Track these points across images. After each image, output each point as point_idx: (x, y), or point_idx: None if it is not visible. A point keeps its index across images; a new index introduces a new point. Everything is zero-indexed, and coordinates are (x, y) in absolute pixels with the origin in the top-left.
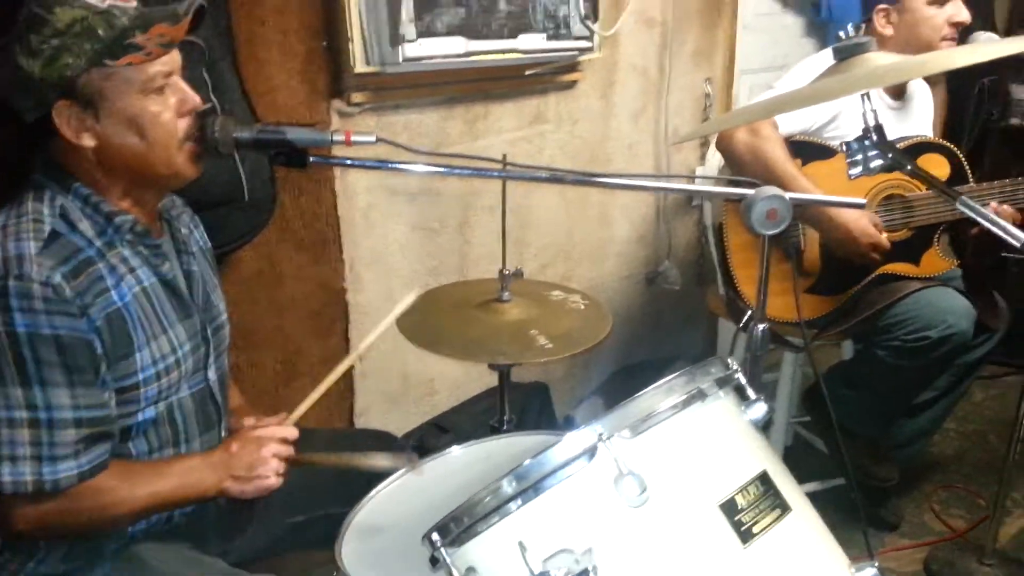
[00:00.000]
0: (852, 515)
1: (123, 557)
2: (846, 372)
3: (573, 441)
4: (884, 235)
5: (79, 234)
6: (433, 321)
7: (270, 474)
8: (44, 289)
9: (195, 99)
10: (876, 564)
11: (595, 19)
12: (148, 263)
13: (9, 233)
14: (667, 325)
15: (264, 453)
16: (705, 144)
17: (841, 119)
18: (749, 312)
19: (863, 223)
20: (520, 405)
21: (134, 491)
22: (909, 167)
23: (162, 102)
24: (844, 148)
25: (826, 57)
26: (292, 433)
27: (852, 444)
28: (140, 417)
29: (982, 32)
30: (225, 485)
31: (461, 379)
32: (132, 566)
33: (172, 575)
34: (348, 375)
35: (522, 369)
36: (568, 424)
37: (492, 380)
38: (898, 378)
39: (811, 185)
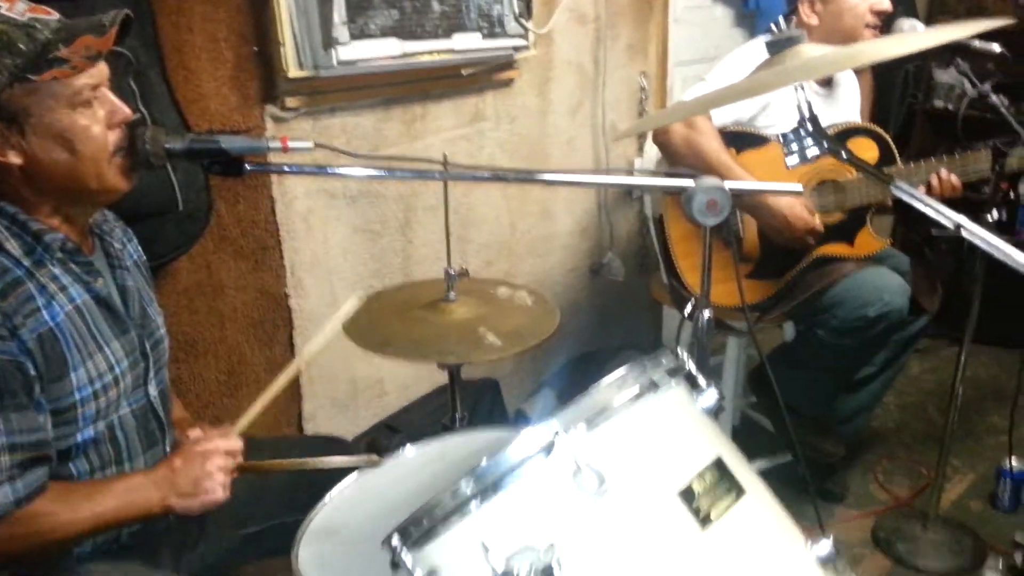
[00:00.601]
0: (801, 490)
1: (76, 574)
2: (789, 353)
3: (530, 438)
4: (818, 219)
5: (6, 254)
6: (380, 324)
7: (216, 488)
8: None
9: (125, 110)
10: (830, 536)
11: (529, 17)
12: (80, 280)
13: None
14: (613, 315)
15: (208, 467)
16: (643, 136)
17: (771, 108)
18: (693, 300)
19: (797, 209)
20: (471, 402)
21: (75, 514)
22: (844, 154)
23: (91, 115)
24: (781, 139)
25: (755, 48)
26: (236, 445)
27: (798, 421)
28: (79, 438)
29: (905, 19)
30: (170, 502)
31: (410, 379)
32: None
33: None
34: (295, 381)
35: (472, 366)
36: (520, 418)
37: (442, 379)
38: (838, 356)
39: (747, 174)
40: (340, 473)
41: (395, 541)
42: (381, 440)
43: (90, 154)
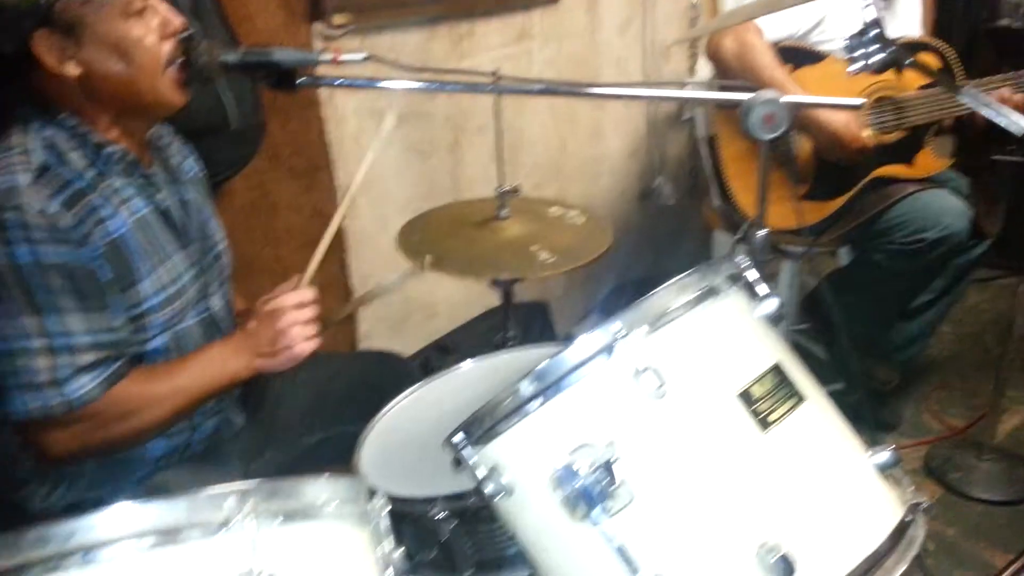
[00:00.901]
0: (853, 418)
1: (147, 484)
2: (844, 277)
3: (591, 340)
4: (868, 133)
5: (69, 166)
6: (433, 241)
7: (296, 341)
8: (42, 219)
9: (177, 21)
10: (892, 446)
11: None
12: (141, 193)
13: (0, 167)
14: (662, 241)
15: (282, 324)
16: (694, 56)
17: (827, 23)
18: (747, 223)
19: (852, 126)
20: (522, 324)
21: (160, 389)
22: (910, 61)
23: (144, 25)
24: (845, 43)
25: None
26: (307, 295)
27: (852, 348)
28: (148, 347)
29: None
30: (255, 364)
31: (462, 301)
32: (156, 493)
33: None
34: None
35: (521, 289)
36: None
37: (492, 300)
38: (895, 281)
39: (801, 90)
40: (399, 386)
41: (457, 439)
42: (434, 362)
43: (144, 64)
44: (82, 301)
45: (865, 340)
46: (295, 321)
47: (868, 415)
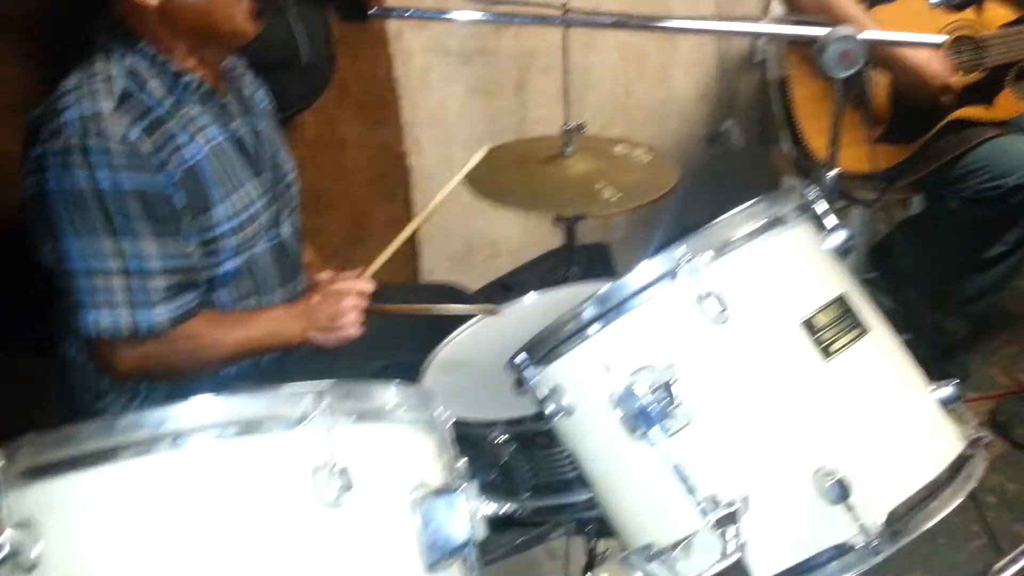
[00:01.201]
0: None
1: None
2: (917, 225)
3: (655, 263)
4: (956, 76)
5: (149, 93)
6: (499, 177)
7: (349, 324)
8: (123, 146)
9: None
10: (956, 381)
11: None
12: (217, 121)
13: (84, 93)
14: (729, 186)
15: (344, 305)
16: None
17: None
18: (818, 166)
19: (935, 64)
20: (583, 264)
21: (225, 336)
22: None
23: None
24: None
25: None
26: (368, 286)
27: (920, 298)
28: (221, 270)
29: None
30: (309, 334)
31: (523, 240)
32: None
33: None
34: (413, 238)
35: (583, 229)
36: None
37: (553, 241)
38: (970, 229)
39: (878, 27)
40: (462, 318)
41: (519, 359)
42: (495, 300)
43: None
44: (157, 226)
45: (935, 291)
46: (354, 306)
47: (935, 367)
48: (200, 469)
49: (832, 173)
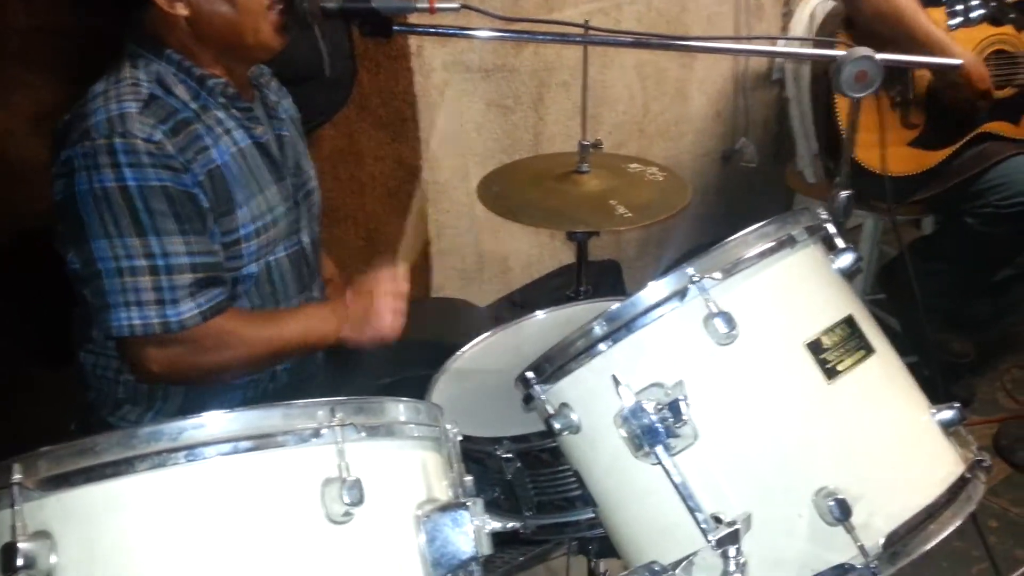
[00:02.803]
0: (924, 391)
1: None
2: (929, 245)
3: (665, 283)
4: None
5: (175, 97)
6: (513, 192)
7: (384, 323)
8: (148, 145)
9: None
10: (957, 405)
11: None
12: (242, 126)
13: (111, 96)
14: (742, 203)
15: (378, 304)
16: (788, 14)
17: None
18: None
19: (980, 68)
20: (594, 281)
21: (257, 332)
22: (1012, 16)
23: None
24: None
25: None
26: (403, 286)
27: (929, 320)
28: (242, 273)
29: None
30: (344, 332)
31: (534, 256)
32: None
33: None
34: (425, 253)
35: (595, 246)
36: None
37: (565, 257)
38: (985, 248)
39: (935, 29)
40: (471, 334)
41: (528, 376)
42: (505, 316)
43: (248, 7)
44: (183, 224)
45: (943, 312)
46: (389, 304)
47: (940, 389)
48: (213, 483)
49: (845, 194)
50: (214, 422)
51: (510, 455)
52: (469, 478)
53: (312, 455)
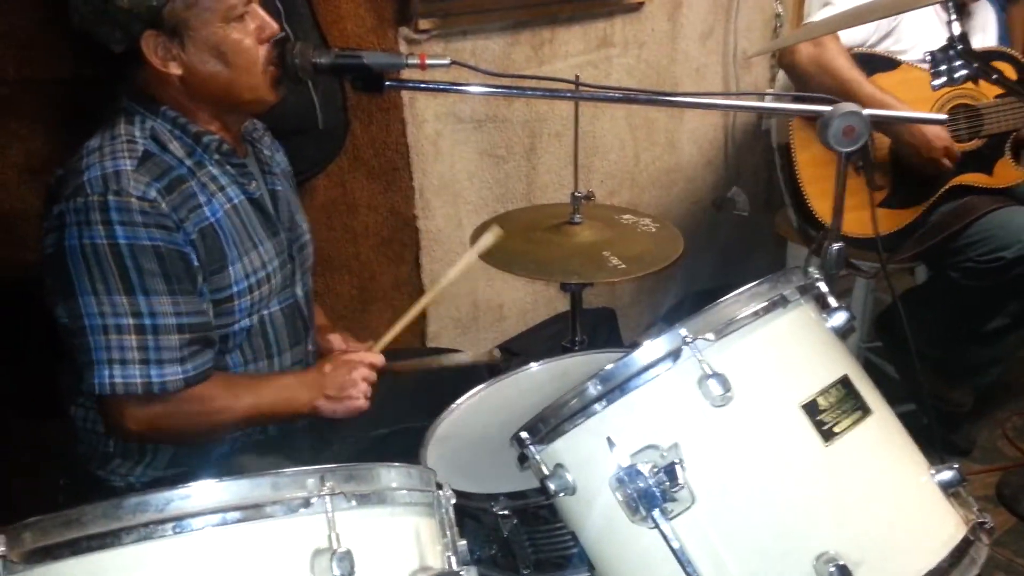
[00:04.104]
0: (923, 439)
1: (226, 465)
2: (920, 295)
3: (658, 344)
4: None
5: (170, 154)
6: (506, 243)
7: (359, 396)
8: (141, 203)
9: (274, 26)
10: (956, 466)
11: None
12: (236, 182)
13: (105, 153)
14: (735, 252)
15: (355, 376)
16: (775, 66)
17: (902, 32)
18: (821, 231)
19: (936, 128)
20: (588, 329)
21: (236, 401)
22: (995, 76)
23: (243, 29)
24: (928, 58)
25: None
26: (379, 360)
27: (926, 369)
28: (235, 328)
29: None
30: (318, 403)
31: (529, 305)
32: (234, 473)
33: None
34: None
35: (590, 295)
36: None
37: (560, 306)
38: (972, 300)
39: (878, 92)
40: (465, 384)
41: (523, 436)
42: (500, 365)
43: (243, 66)
44: (171, 284)
45: (939, 361)
46: (365, 377)
47: (939, 438)
48: (202, 556)
49: (837, 247)
50: (202, 492)
51: (506, 512)
52: (463, 543)
53: (302, 525)
